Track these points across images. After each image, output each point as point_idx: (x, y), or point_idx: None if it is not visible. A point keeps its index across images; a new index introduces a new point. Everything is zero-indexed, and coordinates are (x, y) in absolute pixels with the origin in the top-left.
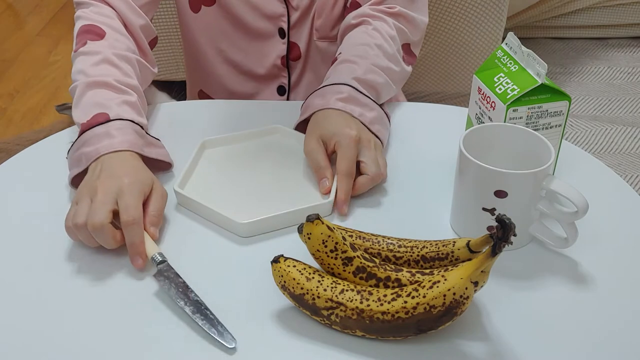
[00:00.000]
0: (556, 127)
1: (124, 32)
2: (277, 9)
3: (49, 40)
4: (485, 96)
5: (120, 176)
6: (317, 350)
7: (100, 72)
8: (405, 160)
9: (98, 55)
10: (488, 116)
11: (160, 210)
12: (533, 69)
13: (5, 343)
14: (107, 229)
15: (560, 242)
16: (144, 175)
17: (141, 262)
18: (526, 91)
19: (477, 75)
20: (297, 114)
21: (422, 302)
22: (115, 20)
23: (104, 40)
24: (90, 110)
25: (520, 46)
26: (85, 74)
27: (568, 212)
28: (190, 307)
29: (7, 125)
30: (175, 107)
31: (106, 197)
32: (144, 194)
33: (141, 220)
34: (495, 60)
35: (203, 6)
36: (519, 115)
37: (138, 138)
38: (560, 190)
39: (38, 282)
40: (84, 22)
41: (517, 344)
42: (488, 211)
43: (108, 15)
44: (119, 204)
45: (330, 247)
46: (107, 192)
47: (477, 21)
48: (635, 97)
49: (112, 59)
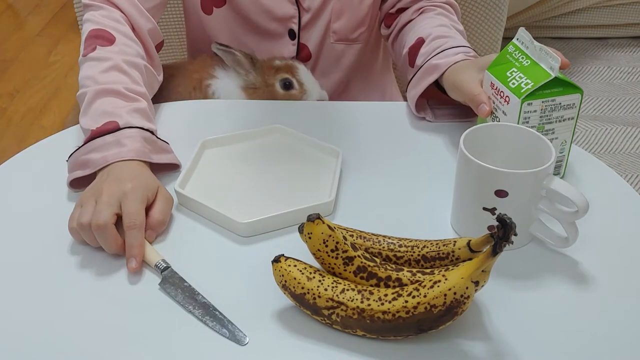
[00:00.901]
0: (569, 120)
1: (133, 37)
2: (288, 11)
3: (49, 40)
4: (499, 91)
5: (125, 181)
6: (318, 350)
7: (109, 79)
8: (406, 160)
9: (108, 62)
10: (502, 110)
11: (163, 214)
12: (546, 63)
13: (13, 349)
14: (110, 230)
15: (561, 241)
16: (149, 181)
17: (135, 265)
18: (540, 85)
19: (490, 71)
20: (297, 114)
21: (423, 301)
22: (124, 25)
23: (113, 45)
24: (100, 118)
25: (532, 41)
26: (94, 81)
27: (568, 212)
28: (199, 310)
29: (7, 125)
30: (175, 107)
31: (110, 199)
32: (148, 199)
33: (142, 225)
34: (507, 56)
35: (214, 8)
36: (534, 109)
37: (146, 145)
38: (561, 190)
39: (38, 282)
40: (93, 26)
41: (517, 343)
42: (488, 211)
43: (117, 19)
44: (122, 208)
45: (331, 247)
46: (111, 195)
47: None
48: (635, 97)
49: (121, 65)
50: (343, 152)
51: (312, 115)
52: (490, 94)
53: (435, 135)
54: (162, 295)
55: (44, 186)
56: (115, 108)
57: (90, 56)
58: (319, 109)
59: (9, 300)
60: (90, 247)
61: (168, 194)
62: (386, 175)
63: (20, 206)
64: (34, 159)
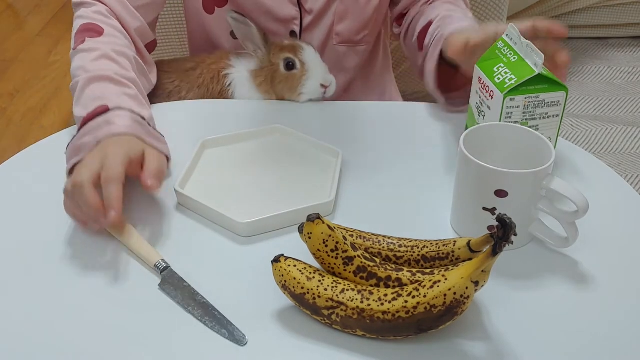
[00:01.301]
0: (554, 117)
1: (123, 30)
2: (289, 12)
3: (49, 40)
4: (485, 86)
5: (109, 146)
6: (318, 350)
7: (99, 66)
8: (406, 159)
9: (97, 51)
10: (487, 105)
11: (158, 163)
12: (531, 59)
13: (13, 349)
14: (87, 187)
15: (561, 241)
16: (132, 144)
17: (114, 215)
18: (523, 81)
19: (478, 66)
20: (296, 114)
21: (423, 301)
22: (113, 20)
23: (102, 37)
24: (92, 103)
25: (520, 37)
26: (85, 70)
27: (568, 212)
28: (199, 311)
29: (7, 125)
30: (175, 107)
31: (92, 161)
32: (129, 158)
33: (119, 179)
34: (496, 51)
35: (216, 7)
36: (516, 105)
37: (137, 125)
38: (561, 190)
39: (38, 282)
40: (83, 21)
41: (517, 343)
42: (488, 211)
43: (106, 14)
44: (103, 166)
45: (330, 247)
46: (93, 157)
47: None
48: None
49: (110, 54)
50: (343, 152)
51: (312, 115)
52: (478, 89)
53: (435, 135)
54: (161, 296)
55: (44, 186)
56: (106, 93)
57: (79, 48)
58: (319, 109)
59: (9, 300)
60: (90, 248)
61: (158, 152)
62: (386, 175)
63: (20, 206)
64: (34, 159)
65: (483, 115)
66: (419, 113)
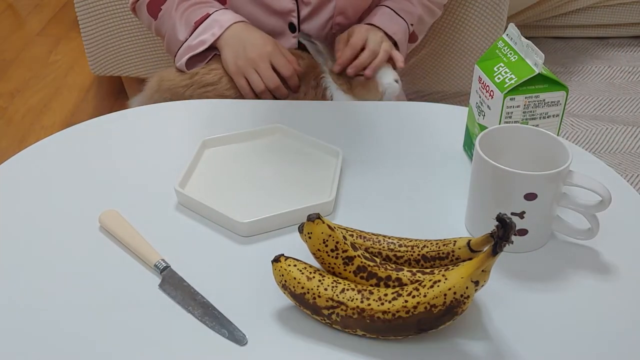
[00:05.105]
0: (554, 117)
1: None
2: (286, 5)
3: (49, 40)
4: (485, 85)
5: (259, 46)
6: (318, 350)
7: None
8: (405, 159)
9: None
10: (487, 105)
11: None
12: (531, 59)
13: (13, 349)
14: (281, 87)
15: (585, 233)
16: (251, 29)
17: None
18: (523, 80)
19: (478, 65)
20: (296, 114)
21: (423, 301)
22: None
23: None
24: (193, 17)
25: (520, 37)
26: (170, 10)
27: (592, 204)
28: (199, 311)
29: (7, 125)
30: (176, 107)
31: (266, 64)
32: (280, 50)
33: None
34: (496, 51)
35: None
36: (516, 104)
37: (238, 16)
38: (584, 184)
39: (38, 282)
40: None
41: (517, 343)
42: (517, 215)
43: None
44: (274, 64)
45: (331, 247)
46: (263, 60)
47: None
48: (635, 97)
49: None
50: (343, 152)
51: (312, 115)
52: (478, 88)
53: (434, 135)
54: (162, 295)
55: (44, 186)
56: (201, 8)
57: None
58: (319, 109)
59: (9, 300)
60: (90, 247)
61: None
62: (386, 175)
63: (20, 206)
64: (34, 159)
65: (483, 115)
66: (419, 112)
